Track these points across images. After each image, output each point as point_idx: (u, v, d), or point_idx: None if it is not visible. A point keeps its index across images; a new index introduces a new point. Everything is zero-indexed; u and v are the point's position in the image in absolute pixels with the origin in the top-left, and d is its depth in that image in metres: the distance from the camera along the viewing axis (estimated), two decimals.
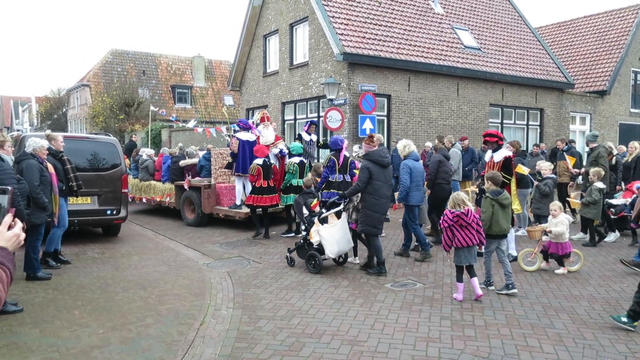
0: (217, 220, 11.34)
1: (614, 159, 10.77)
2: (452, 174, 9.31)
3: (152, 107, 21.69)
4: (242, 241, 9.64)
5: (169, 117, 20.61)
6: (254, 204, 9.73)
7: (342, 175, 8.84)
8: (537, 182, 9.61)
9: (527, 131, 19.71)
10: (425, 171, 8.94)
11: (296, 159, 9.89)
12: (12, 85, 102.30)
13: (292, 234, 9.87)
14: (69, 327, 5.11)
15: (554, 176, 9.62)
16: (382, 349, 4.55)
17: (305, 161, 10.20)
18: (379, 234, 7.33)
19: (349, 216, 7.54)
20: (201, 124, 30.53)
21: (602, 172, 9.12)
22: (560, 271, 7.10)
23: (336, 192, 8.52)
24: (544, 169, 9.44)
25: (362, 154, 8.46)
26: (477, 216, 6.06)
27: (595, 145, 9.99)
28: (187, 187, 11.47)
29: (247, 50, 20.68)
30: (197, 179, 11.79)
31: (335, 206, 7.70)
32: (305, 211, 7.74)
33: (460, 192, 6.51)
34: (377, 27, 16.22)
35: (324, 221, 7.45)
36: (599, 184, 8.84)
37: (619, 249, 8.69)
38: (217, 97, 39.66)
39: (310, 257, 7.28)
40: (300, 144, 10.40)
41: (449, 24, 18.58)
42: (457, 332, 4.96)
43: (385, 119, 15.96)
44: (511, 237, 7.72)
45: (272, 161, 10.26)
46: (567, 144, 12.47)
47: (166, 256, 8.45)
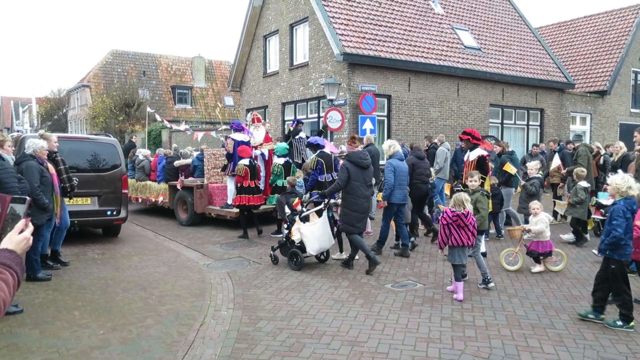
0: (217, 220, 11.34)
1: (602, 158, 10.76)
2: (429, 173, 9.56)
3: (148, 109, 21.72)
4: (242, 242, 9.64)
5: (163, 119, 20.69)
6: (242, 204, 9.77)
7: (330, 174, 8.92)
8: (523, 182, 9.65)
9: (528, 131, 19.71)
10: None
11: (281, 160, 9.97)
12: (12, 86, 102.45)
13: (281, 234, 9.90)
14: (69, 327, 5.10)
15: (540, 176, 9.61)
16: (383, 350, 4.54)
17: (290, 162, 10.26)
18: (357, 232, 7.47)
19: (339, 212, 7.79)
20: (201, 124, 30.55)
21: (583, 171, 9.14)
22: (536, 269, 7.13)
23: (316, 191, 8.63)
24: (530, 169, 9.45)
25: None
26: (474, 219, 6.14)
27: (578, 144, 10.05)
28: (180, 187, 11.66)
29: (247, 50, 20.69)
30: (190, 179, 11.94)
31: (316, 205, 7.89)
32: (287, 210, 7.90)
33: (461, 192, 6.52)
34: (377, 28, 16.22)
35: (305, 219, 7.62)
36: (583, 183, 8.86)
37: None
38: (218, 98, 39.64)
39: (292, 254, 7.49)
40: (285, 145, 10.46)
41: (449, 24, 18.58)
42: (457, 332, 4.95)
43: (385, 119, 15.96)
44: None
45: (257, 162, 10.30)
46: (559, 145, 12.45)
47: (166, 257, 8.44)
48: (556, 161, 11.50)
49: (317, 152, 8.98)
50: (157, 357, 4.46)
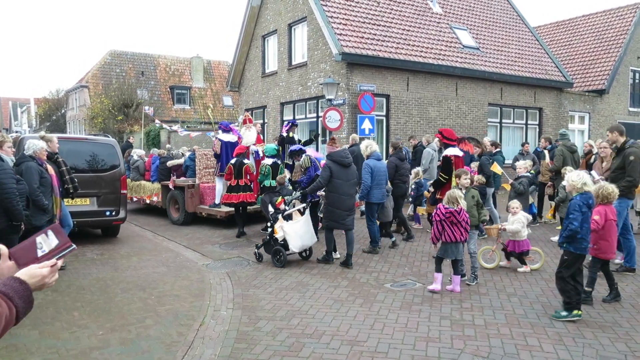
0: (216, 221, 11.35)
1: (593, 157, 10.76)
2: (408, 174, 9.82)
3: (144, 109, 21.76)
4: (242, 242, 9.64)
5: (155, 117, 20.74)
6: (231, 202, 10.00)
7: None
8: (511, 181, 9.65)
9: (526, 130, 19.72)
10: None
11: (269, 161, 10.09)
12: (10, 86, 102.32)
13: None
14: (68, 328, 5.10)
15: (529, 175, 9.60)
16: (382, 349, 4.54)
17: (279, 162, 10.39)
18: (344, 229, 7.64)
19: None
20: (199, 124, 30.54)
21: (565, 169, 9.18)
22: (522, 269, 7.19)
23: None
24: (519, 168, 9.46)
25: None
26: (467, 215, 6.32)
27: (559, 143, 10.03)
28: (171, 186, 11.88)
29: (246, 50, 20.68)
30: (182, 178, 12.21)
31: (299, 203, 8.13)
32: (270, 209, 8.07)
33: (455, 189, 6.62)
34: (375, 27, 16.23)
35: (288, 218, 7.82)
36: (563, 182, 8.92)
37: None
38: (216, 98, 39.63)
39: (275, 252, 7.67)
40: (274, 146, 10.62)
41: (448, 24, 18.59)
42: (456, 331, 4.95)
43: (384, 118, 15.96)
44: None
45: (247, 161, 10.41)
46: (550, 143, 12.37)
47: (165, 257, 8.44)
48: (546, 159, 11.48)
49: (304, 154, 9.48)
50: (157, 357, 4.46)
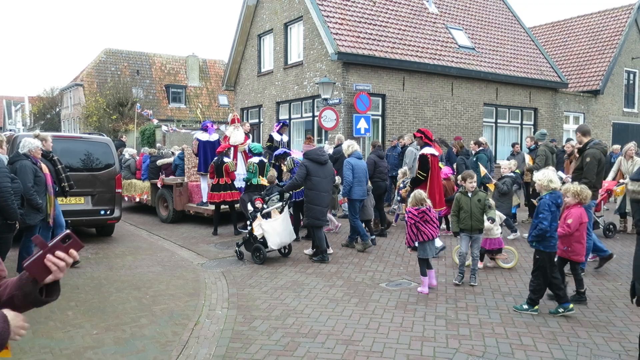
0: (211, 220, 11.33)
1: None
2: (388, 172, 10.03)
3: (137, 108, 21.75)
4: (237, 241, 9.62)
5: (149, 117, 20.76)
6: (214, 201, 10.23)
7: None
8: (495, 181, 9.68)
9: (521, 130, 19.77)
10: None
11: (256, 159, 10.14)
12: (4, 84, 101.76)
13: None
14: (62, 327, 5.07)
15: (513, 175, 9.61)
16: (377, 349, 4.54)
17: (265, 161, 10.47)
18: (322, 226, 7.83)
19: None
20: (195, 123, 30.50)
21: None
22: (490, 264, 7.41)
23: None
24: (503, 168, 9.49)
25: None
26: (435, 212, 6.67)
27: (541, 143, 10.04)
28: (160, 185, 12.18)
29: (242, 49, 20.64)
30: (171, 177, 12.49)
31: (277, 202, 8.33)
32: (250, 207, 8.23)
33: (420, 190, 6.77)
34: (371, 27, 16.23)
35: (267, 216, 8.02)
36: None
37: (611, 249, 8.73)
38: (212, 97, 39.57)
39: (255, 249, 7.84)
40: (260, 145, 10.74)
41: (443, 24, 18.62)
42: (451, 331, 4.96)
43: (380, 118, 15.97)
44: None
45: (227, 160, 10.58)
46: (535, 143, 12.39)
47: (160, 256, 8.42)
48: (527, 159, 11.49)
49: (288, 157, 9.84)
50: (152, 356, 4.45)
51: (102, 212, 9.34)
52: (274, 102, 18.63)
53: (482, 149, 11.98)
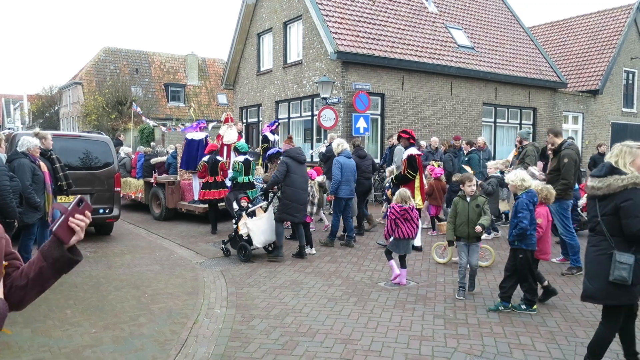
0: (209, 219, 11.36)
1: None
2: (371, 170, 10.24)
3: (134, 107, 21.74)
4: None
5: (143, 115, 20.84)
6: (206, 199, 10.34)
7: None
8: (480, 181, 9.71)
9: (520, 130, 19.77)
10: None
11: (241, 158, 10.21)
12: (3, 82, 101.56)
13: None
14: (61, 326, 5.07)
15: (499, 175, 9.62)
16: (376, 348, 4.55)
17: (250, 159, 10.55)
18: (297, 222, 7.98)
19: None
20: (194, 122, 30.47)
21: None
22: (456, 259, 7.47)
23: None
24: (489, 168, 9.52)
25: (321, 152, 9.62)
26: (417, 212, 6.75)
27: (527, 142, 10.01)
28: (153, 183, 12.36)
29: (241, 48, 20.63)
30: (164, 175, 12.78)
31: (262, 200, 8.55)
32: (235, 206, 8.33)
33: (406, 189, 6.87)
34: (371, 26, 16.23)
35: (252, 214, 8.18)
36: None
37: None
38: (211, 96, 39.54)
39: (240, 247, 7.98)
40: (246, 144, 10.87)
41: (443, 23, 18.62)
42: (450, 330, 4.97)
43: (379, 117, 15.97)
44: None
45: (220, 159, 10.82)
46: (520, 142, 12.35)
47: (159, 255, 8.42)
48: (511, 154, 11.47)
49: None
50: (150, 355, 4.45)
51: (101, 211, 9.33)
52: (273, 101, 18.62)
53: (474, 149, 12.03)
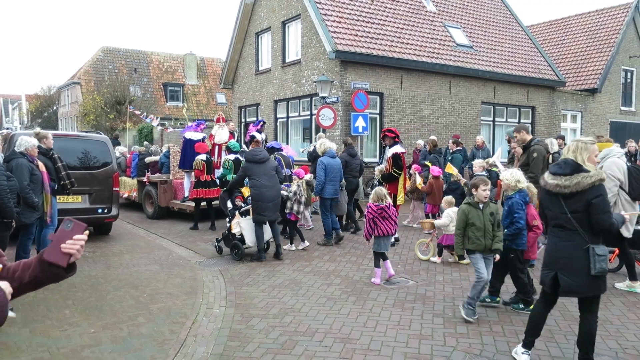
0: (208, 218, 11.35)
1: (551, 157, 10.75)
2: (359, 169, 10.35)
3: (129, 107, 21.77)
4: None
5: (140, 114, 20.94)
6: (200, 197, 10.56)
7: (288, 169, 10.16)
8: (465, 180, 9.77)
9: None
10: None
11: (232, 156, 10.42)
12: (1, 82, 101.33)
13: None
14: (59, 326, 5.06)
15: (484, 173, 9.62)
16: (375, 347, 4.55)
17: (241, 158, 10.68)
18: (265, 221, 7.96)
19: (289, 207, 8.56)
20: (192, 121, 30.53)
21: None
22: (434, 259, 7.64)
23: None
24: (475, 167, 9.57)
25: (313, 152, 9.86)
26: (395, 210, 6.87)
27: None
28: (146, 182, 12.60)
29: (240, 47, 20.61)
30: (157, 174, 12.89)
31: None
32: (229, 205, 8.38)
33: (381, 187, 6.99)
34: (369, 25, 16.22)
35: (246, 214, 8.17)
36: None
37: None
38: (210, 95, 39.52)
39: (233, 246, 8.07)
40: (237, 143, 11.06)
41: (441, 22, 18.62)
42: (449, 329, 4.97)
43: (377, 116, 15.97)
44: None
45: (213, 158, 11.13)
46: (509, 140, 12.33)
47: (158, 255, 8.41)
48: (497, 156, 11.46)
49: (275, 152, 10.19)
50: (149, 355, 4.44)
51: (100, 211, 9.32)
52: (271, 100, 18.61)
53: (459, 148, 12.10)
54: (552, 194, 3.94)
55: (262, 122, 13.07)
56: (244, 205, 8.33)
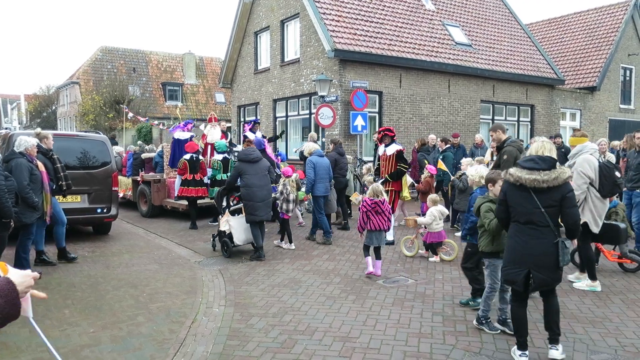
0: (207, 217, 11.38)
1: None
2: (347, 167, 10.54)
3: (125, 109, 21.76)
4: None
5: (135, 116, 21.03)
6: (184, 195, 10.72)
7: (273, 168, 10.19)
8: (453, 178, 9.79)
9: (518, 127, 19.81)
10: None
11: (220, 156, 10.80)
12: (0, 82, 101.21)
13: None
14: (59, 326, 5.06)
15: None
16: (374, 345, 4.55)
17: (229, 158, 11.05)
18: (259, 220, 7.99)
19: (279, 206, 8.60)
20: (195, 121, 30.57)
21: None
22: (432, 259, 7.69)
23: None
24: (463, 165, 9.57)
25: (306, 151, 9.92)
26: (389, 206, 7.07)
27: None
28: (140, 181, 12.83)
29: (238, 47, 20.60)
30: (151, 174, 13.18)
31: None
32: (223, 203, 8.48)
33: (378, 184, 7.15)
34: (368, 24, 16.21)
35: (237, 212, 8.31)
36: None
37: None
38: (209, 95, 39.49)
39: (222, 243, 8.25)
40: (224, 143, 11.32)
41: (440, 21, 18.61)
42: (448, 327, 4.97)
43: (377, 115, 15.97)
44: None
45: (202, 158, 11.27)
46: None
47: (157, 254, 8.41)
48: (487, 156, 11.48)
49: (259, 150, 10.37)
50: (149, 354, 4.44)
51: (99, 210, 9.32)
52: (270, 99, 18.60)
53: (448, 146, 12.13)
54: (524, 189, 3.98)
55: (254, 122, 13.11)
56: (233, 203, 8.42)
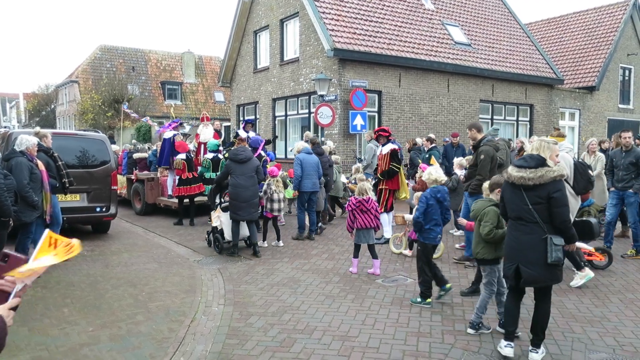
0: (206, 217, 11.37)
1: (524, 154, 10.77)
2: (327, 167, 10.51)
3: (124, 107, 21.74)
4: None
5: (135, 115, 21.06)
6: (182, 194, 10.86)
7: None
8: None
9: (517, 127, 19.81)
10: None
11: (210, 155, 10.97)
12: None
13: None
14: (58, 325, 5.06)
15: (464, 172, 9.58)
16: (373, 345, 4.56)
17: (220, 157, 11.12)
18: (241, 219, 8.11)
19: (264, 205, 8.66)
20: (191, 120, 30.53)
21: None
22: (406, 252, 7.97)
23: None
24: (455, 164, 9.58)
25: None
26: (376, 204, 7.16)
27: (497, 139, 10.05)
28: (134, 179, 13.01)
29: (238, 46, 20.59)
30: (145, 172, 13.33)
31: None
32: (217, 200, 8.63)
33: (365, 183, 7.25)
34: (367, 23, 16.21)
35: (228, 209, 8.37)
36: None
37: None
38: (208, 94, 39.47)
39: (214, 239, 8.46)
40: (216, 141, 11.46)
41: (439, 20, 18.61)
42: (447, 326, 4.98)
43: (376, 115, 15.97)
44: (385, 221, 8.83)
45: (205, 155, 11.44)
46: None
47: (156, 253, 8.41)
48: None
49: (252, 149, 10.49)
50: (148, 353, 4.44)
51: (98, 209, 9.31)
52: (270, 98, 18.60)
53: (434, 145, 12.19)
54: (515, 186, 4.10)
55: (248, 123, 13.02)
56: (224, 200, 8.55)
